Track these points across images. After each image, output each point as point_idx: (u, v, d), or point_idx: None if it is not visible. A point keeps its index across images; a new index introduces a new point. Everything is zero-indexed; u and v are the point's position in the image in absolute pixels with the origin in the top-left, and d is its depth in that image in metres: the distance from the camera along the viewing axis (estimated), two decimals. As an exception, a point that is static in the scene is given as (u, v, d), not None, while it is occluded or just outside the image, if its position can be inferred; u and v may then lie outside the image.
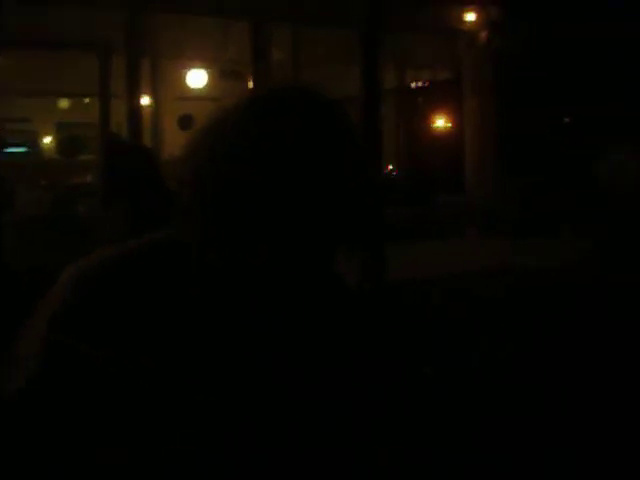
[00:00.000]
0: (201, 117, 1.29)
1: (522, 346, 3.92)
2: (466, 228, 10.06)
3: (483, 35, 11.54)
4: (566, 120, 12.89)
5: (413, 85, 13.06)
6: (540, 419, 3.25)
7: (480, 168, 11.04)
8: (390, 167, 12.12)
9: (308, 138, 1.17)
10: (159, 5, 8.62)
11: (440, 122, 12.56)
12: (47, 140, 13.86)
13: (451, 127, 12.37)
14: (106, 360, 1.12)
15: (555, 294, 4.94)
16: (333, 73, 11.98)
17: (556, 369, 3.72)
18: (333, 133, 1.20)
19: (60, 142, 13.30)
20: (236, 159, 1.15)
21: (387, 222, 9.66)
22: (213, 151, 1.18)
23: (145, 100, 10.79)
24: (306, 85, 1.25)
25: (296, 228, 1.16)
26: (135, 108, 8.69)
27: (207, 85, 11.54)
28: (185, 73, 11.53)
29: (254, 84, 10.03)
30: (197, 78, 11.50)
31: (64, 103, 13.51)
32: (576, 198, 8.38)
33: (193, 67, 11.49)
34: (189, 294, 1.17)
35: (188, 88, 11.53)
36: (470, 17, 11.54)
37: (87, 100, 12.85)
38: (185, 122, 10.82)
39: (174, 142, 9.86)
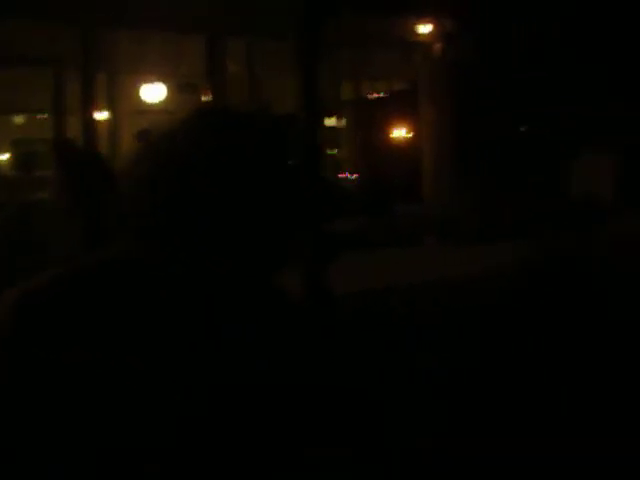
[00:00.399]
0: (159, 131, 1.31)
1: (468, 359, 3.97)
2: (424, 237, 10.15)
3: (438, 46, 11.69)
4: (522, 128, 13.08)
5: (371, 96, 13.17)
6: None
7: (437, 177, 11.16)
8: (347, 174, 12.21)
9: (264, 152, 1.20)
10: (112, 21, 8.60)
11: (398, 132, 12.67)
12: (3, 157, 13.70)
13: (409, 137, 12.49)
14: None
15: (507, 301, 5.00)
16: (288, 86, 12.05)
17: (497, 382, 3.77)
18: (284, 148, 1.23)
19: (16, 158, 13.16)
20: (191, 171, 1.16)
21: (346, 232, 9.75)
22: (165, 163, 1.19)
23: (103, 115, 10.74)
24: (257, 100, 1.29)
25: (251, 239, 1.18)
26: (90, 123, 8.66)
27: (165, 99, 11.52)
28: (142, 87, 11.50)
29: (210, 97, 10.04)
30: (154, 92, 11.47)
31: (19, 119, 13.37)
32: (532, 204, 8.51)
33: (150, 81, 11.46)
34: (134, 309, 1.18)
35: (146, 102, 11.49)
36: (425, 29, 11.69)
37: (44, 116, 12.74)
38: (143, 136, 10.76)
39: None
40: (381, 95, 13.23)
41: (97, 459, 1.12)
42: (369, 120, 12.70)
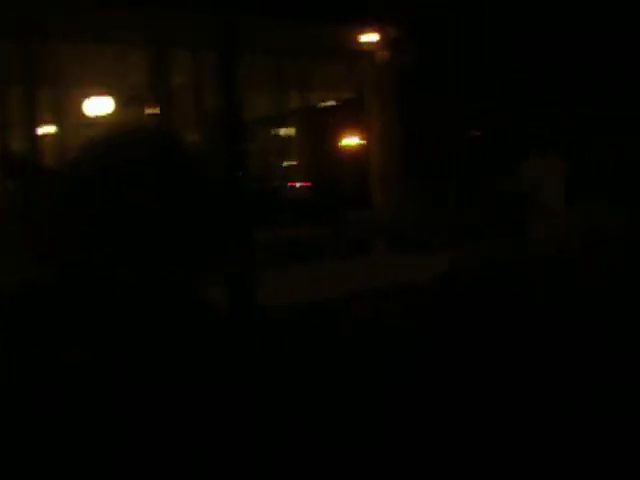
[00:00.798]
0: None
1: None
2: (374, 244, 10.23)
3: (384, 54, 11.80)
4: (471, 133, 13.25)
5: (321, 105, 13.24)
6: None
7: (386, 183, 11.25)
8: (297, 184, 12.27)
9: (159, 165, 1.24)
10: (52, 34, 8.56)
11: (348, 140, 12.75)
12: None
13: (359, 145, 12.58)
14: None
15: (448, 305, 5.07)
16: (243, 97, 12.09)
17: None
18: (180, 160, 1.28)
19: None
20: (102, 184, 1.20)
21: (297, 241, 9.78)
22: (76, 177, 1.23)
23: (49, 128, 10.65)
24: (202, 111, 1.33)
25: (164, 247, 1.22)
26: (34, 136, 8.60)
27: (111, 111, 11.46)
28: (88, 100, 11.43)
29: (157, 109, 10.03)
30: (101, 105, 11.42)
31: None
32: (474, 209, 8.63)
33: (96, 94, 11.40)
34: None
35: (92, 115, 11.43)
36: (370, 37, 11.79)
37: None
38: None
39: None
40: (331, 104, 13.30)
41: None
42: (319, 129, 12.75)
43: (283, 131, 13.24)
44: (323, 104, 13.45)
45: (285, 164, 13.08)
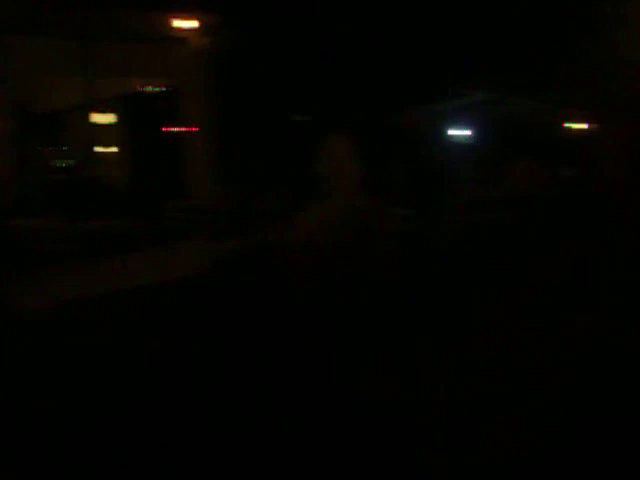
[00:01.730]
0: None
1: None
2: (193, 234, 10.17)
3: (201, 42, 11.73)
4: (291, 120, 13.40)
5: (140, 92, 13.03)
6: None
7: (203, 173, 11.23)
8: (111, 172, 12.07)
9: None
10: None
11: (167, 128, 12.63)
12: None
13: (177, 133, 12.48)
14: None
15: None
16: (53, 83, 11.75)
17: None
18: None
19: None
20: None
21: (112, 232, 9.59)
22: None
23: None
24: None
25: None
26: None
27: None
28: None
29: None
30: None
31: None
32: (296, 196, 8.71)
33: None
34: None
35: None
36: (187, 24, 11.69)
37: None
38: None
39: None
40: (150, 91, 13.11)
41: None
42: (140, 117, 12.56)
43: (104, 119, 12.94)
44: (144, 91, 13.25)
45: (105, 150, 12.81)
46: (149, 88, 13.17)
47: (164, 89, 12.91)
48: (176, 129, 12.69)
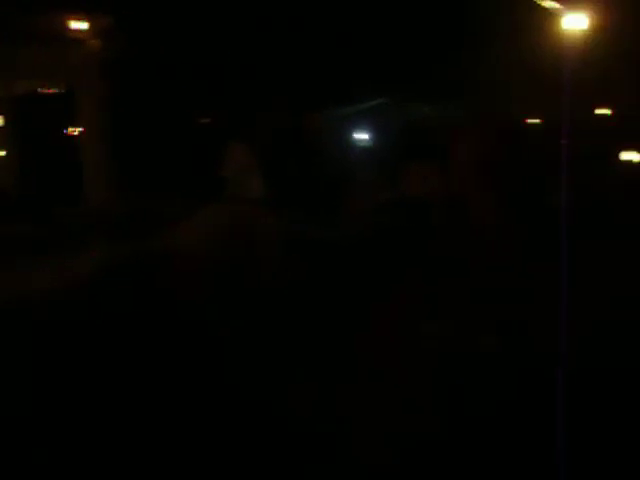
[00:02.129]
0: None
1: None
2: (82, 240, 9.93)
3: (94, 44, 11.49)
4: (192, 125, 13.26)
5: (30, 94, 12.66)
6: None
7: (98, 178, 11.01)
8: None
9: None
10: None
11: (61, 132, 12.32)
12: None
13: (71, 138, 12.19)
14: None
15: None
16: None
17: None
18: None
19: None
20: None
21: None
22: None
23: None
24: None
25: None
26: None
27: None
28: None
29: None
30: None
31: None
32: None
33: None
34: None
35: None
36: (80, 26, 11.44)
37: None
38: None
39: None
40: (45, 93, 12.76)
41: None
42: (30, 120, 12.20)
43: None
44: (38, 92, 12.89)
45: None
46: (44, 89, 12.82)
47: (61, 91, 12.60)
48: (72, 133, 12.39)
